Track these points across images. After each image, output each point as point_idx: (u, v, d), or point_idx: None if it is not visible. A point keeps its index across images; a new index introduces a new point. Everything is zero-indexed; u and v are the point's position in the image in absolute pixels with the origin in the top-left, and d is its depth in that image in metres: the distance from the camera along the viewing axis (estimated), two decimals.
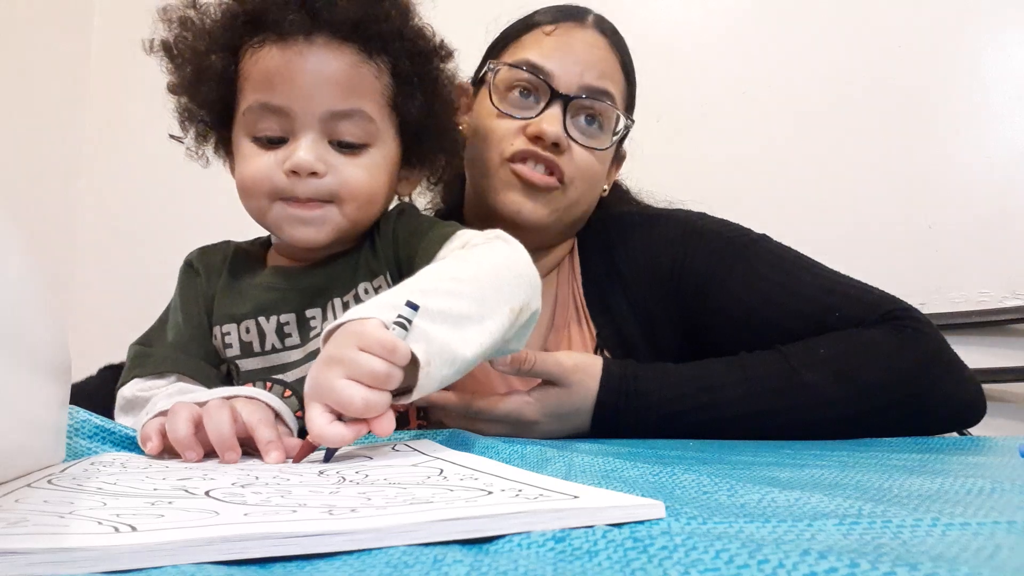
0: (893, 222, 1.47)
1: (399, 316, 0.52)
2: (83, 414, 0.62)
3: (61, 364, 0.50)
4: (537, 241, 0.94)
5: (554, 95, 0.88)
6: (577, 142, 0.89)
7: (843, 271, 0.89)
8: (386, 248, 0.76)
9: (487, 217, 0.93)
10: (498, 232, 0.71)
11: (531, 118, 0.89)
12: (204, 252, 0.83)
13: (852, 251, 1.38)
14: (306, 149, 0.69)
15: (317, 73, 0.68)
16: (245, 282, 0.78)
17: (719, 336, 0.87)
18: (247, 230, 0.87)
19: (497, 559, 0.26)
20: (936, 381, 0.79)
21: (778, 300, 0.85)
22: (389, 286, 0.74)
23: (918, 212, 1.46)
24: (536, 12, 0.96)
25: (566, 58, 0.90)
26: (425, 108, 0.75)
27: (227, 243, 0.84)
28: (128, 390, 0.71)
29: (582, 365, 0.82)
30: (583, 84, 0.89)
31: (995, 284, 1.41)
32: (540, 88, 0.89)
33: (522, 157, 0.88)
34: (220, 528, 0.30)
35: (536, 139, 0.87)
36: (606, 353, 0.92)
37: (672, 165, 1.11)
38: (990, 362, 1.37)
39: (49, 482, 0.43)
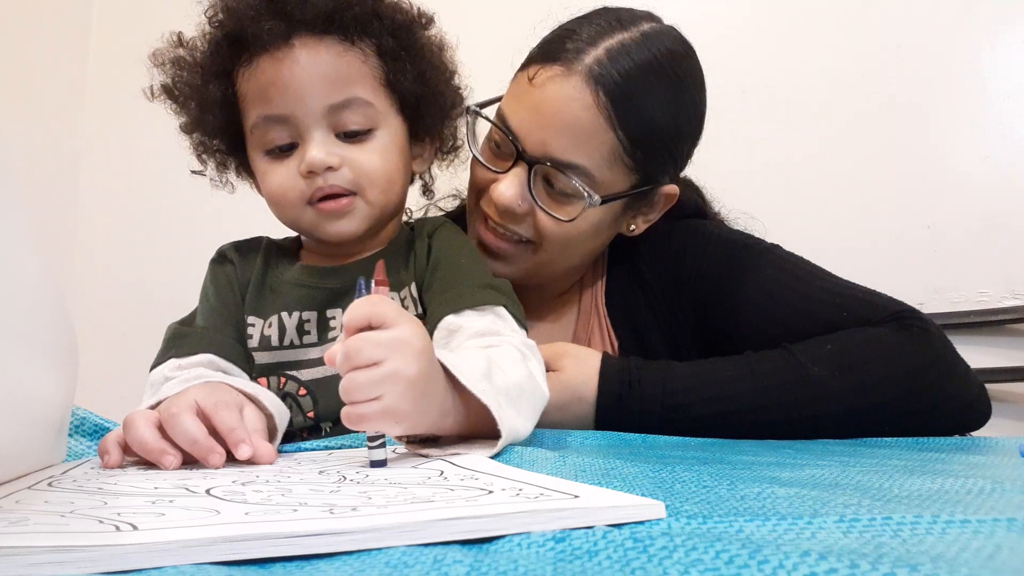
0: (892, 222, 1.47)
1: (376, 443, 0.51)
2: (82, 412, 0.62)
3: (69, 363, 0.50)
4: (532, 284, 0.92)
5: (519, 156, 0.83)
6: (540, 207, 0.84)
7: (842, 271, 0.90)
8: (420, 263, 0.78)
9: None
10: (530, 345, 0.69)
11: (502, 172, 0.85)
12: (237, 245, 0.84)
13: (851, 251, 1.38)
14: (316, 147, 0.71)
15: (306, 73, 0.70)
16: (276, 278, 0.79)
17: (734, 339, 0.87)
18: (248, 229, 0.87)
19: (497, 559, 0.26)
20: (940, 379, 0.79)
21: (790, 303, 0.86)
22: (413, 298, 0.76)
23: (917, 212, 1.46)
24: (547, 37, 0.87)
25: (535, 119, 0.82)
26: (418, 78, 0.76)
27: (259, 238, 0.85)
28: (164, 370, 0.70)
29: (572, 352, 0.84)
30: (546, 152, 0.82)
31: (994, 284, 1.41)
32: (508, 146, 0.85)
33: (484, 219, 0.88)
34: (221, 527, 0.30)
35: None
36: None
37: None
38: (989, 362, 1.37)
39: (50, 484, 0.43)
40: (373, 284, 0.53)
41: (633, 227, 0.92)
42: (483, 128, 0.90)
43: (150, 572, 0.26)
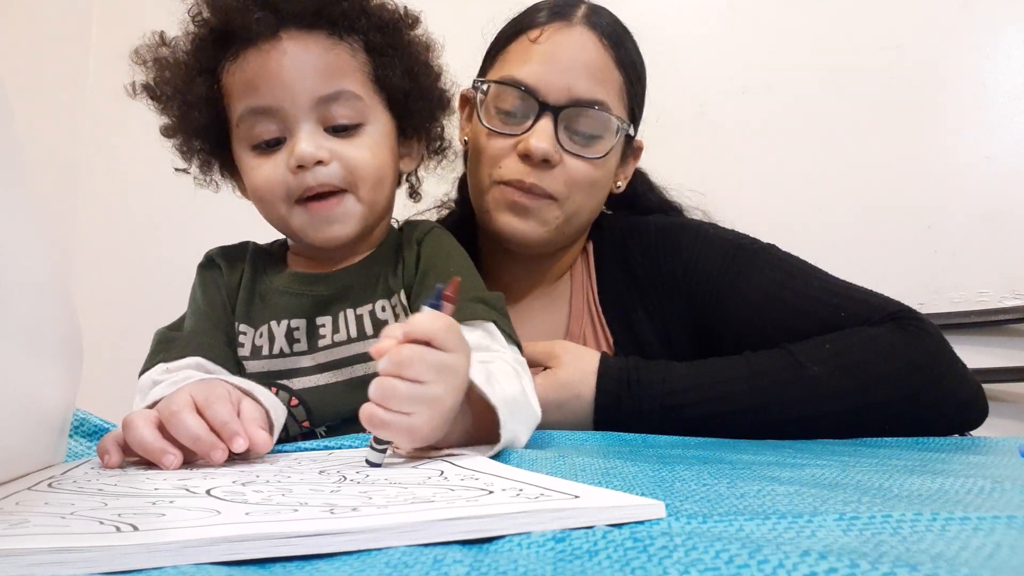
0: (893, 222, 1.47)
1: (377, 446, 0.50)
2: (82, 413, 0.62)
3: (73, 363, 0.50)
4: (543, 250, 0.94)
5: (543, 108, 0.86)
6: (571, 153, 0.87)
7: (842, 270, 0.90)
8: (409, 270, 0.76)
9: (491, 233, 0.93)
10: (522, 362, 0.69)
11: (521, 134, 0.87)
12: (224, 250, 0.83)
13: (852, 251, 1.38)
14: (306, 140, 0.69)
15: (295, 64, 0.69)
16: (265, 285, 0.78)
17: (730, 340, 0.88)
18: (248, 229, 0.87)
19: (497, 559, 0.26)
20: (938, 378, 0.80)
21: (786, 303, 0.86)
22: (403, 306, 0.75)
23: (918, 212, 1.46)
24: (525, 12, 0.94)
25: (552, 68, 0.87)
26: (405, 75, 0.76)
27: (246, 243, 0.84)
28: (152, 375, 0.69)
29: (571, 349, 0.84)
30: (572, 95, 0.86)
31: (994, 284, 1.41)
32: (528, 103, 0.87)
33: (514, 184, 0.88)
34: (221, 528, 0.30)
35: (526, 156, 0.86)
36: None
37: (670, 164, 1.11)
38: (989, 362, 1.37)
39: (50, 486, 0.43)
40: (442, 302, 0.52)
41: (619, 182, 0.98)
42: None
43: (150, 572, 0.26)
